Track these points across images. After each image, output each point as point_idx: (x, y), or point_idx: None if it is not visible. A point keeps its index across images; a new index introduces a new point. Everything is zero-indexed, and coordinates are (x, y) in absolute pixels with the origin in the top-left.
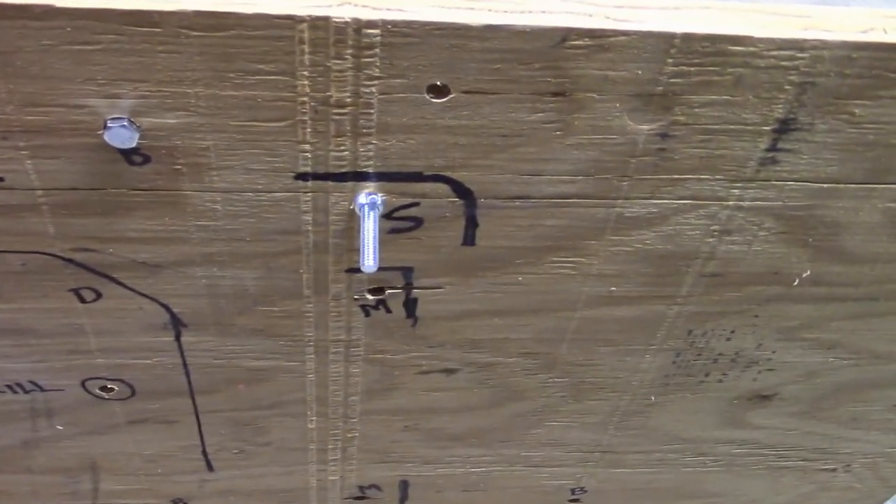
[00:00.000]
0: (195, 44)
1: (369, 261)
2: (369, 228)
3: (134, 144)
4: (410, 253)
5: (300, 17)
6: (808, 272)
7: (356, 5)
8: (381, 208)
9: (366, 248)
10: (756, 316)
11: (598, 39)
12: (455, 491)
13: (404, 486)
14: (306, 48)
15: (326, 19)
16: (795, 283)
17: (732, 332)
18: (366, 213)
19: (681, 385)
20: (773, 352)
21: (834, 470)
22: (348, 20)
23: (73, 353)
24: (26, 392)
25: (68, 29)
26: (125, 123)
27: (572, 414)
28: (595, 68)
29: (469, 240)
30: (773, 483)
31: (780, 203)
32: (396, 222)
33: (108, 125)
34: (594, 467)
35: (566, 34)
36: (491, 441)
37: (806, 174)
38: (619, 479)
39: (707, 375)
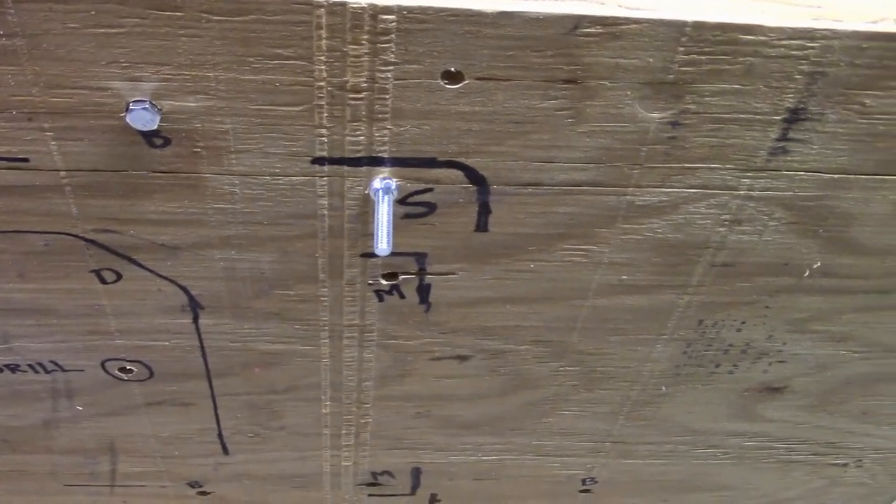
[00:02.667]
0: (216, 28)
1: (383, 244)
2: (383, 212)
3: (155, 127)
4: (424, 238)
5: (318, 2)
6: (819, 263)
7: None
8: (395, 193)
9: (380, 231)
10: (766, 307)
11: (610, 27)
12: (467, 479)
13: (416, 473)
14: (323, 33)
15: (343, 5)
16: (806, 275)
17: (743, 322)
18: (380, 198)
19: (691, 376)
20: (784, 343)
21: (845, 465)
22: (365, 6)
23: (93, 333)
24: (47, 372)
25: (93, 12)
26: (147, 106)
27: (583, 403)
28: (607, 56)
29: (482, 226)
30: (784, 477)
31: (790, 193)
32: (410, 207)
33: (131, 107)
34: (605, 458)
35: (578, 21)
36: (503, 429)
37: (816, 164)
38: (630, 470)
39: (718, 366)
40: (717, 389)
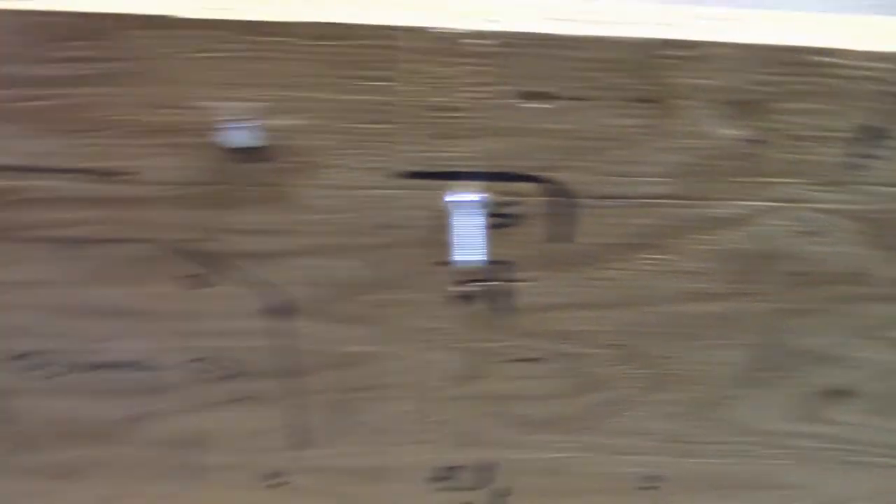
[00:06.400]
0: (314, 52)
1: (470, 254)
2: (469, 224)
3: (253, 144)
4: (508, 248)
5: (402, 27)
6: (892, 273)
7: (461, 16)
8: (481, 206)
9: (466, 242)
10: (838, 315)
11: (693, 50)
12: (535, 475)
13: (487, 468)
14: (412, 56)
15: (431, 30)
16: (877, 285)
17: (813, 329)
18: (465, 210)
19: (759, 379)
20: (853, 350)
21: None
22: (453, 30)
23: (182, 335)
24: (137, 370)
25: (203, 39)
26: (245, 125)
27: (652, 404)
28: (689, 77)
29: (563, 237)
30: (848, 479)
31: (864, 207)
32: (496, 219)
33: (230, 126)
34: (670, 457)
35: (663, 45)
36: (572, 428)
37: (892, 179)
38: (695, 469)
39: (786, 370)
40: (784, 393)
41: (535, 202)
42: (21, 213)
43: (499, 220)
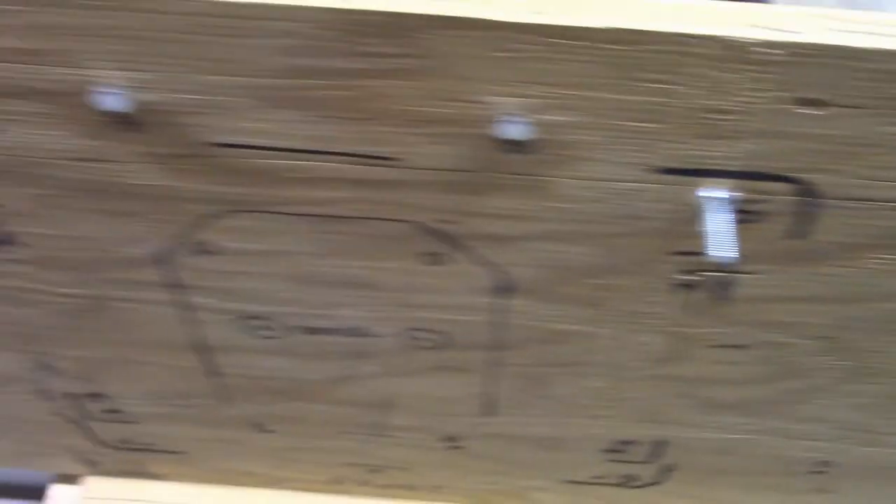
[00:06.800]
0: (603, 55)
1: (723, 251)
2: (721, 221)
3: (524, 137)
4: (745, 243)
5: (696, 34)
6: None
7: (751, 25)
8: (728, 203)
9: (718, 239)
10: None
11: None
12: (708, 453)
13: (662, 445)
14: (698, 61)
15: (721, 38)
16: None
17: None
18: (714, 207)
19: None
20: None
21: None
22: (745, 39)
23: (404, 306)
24: (353, 336)
25: (500, 39)
26: (521, 119)
27: (843, 394)
28: None
29: (800, 234)
30: None
31: None
32: (739, 215)
33: (506, 119)
34: (849, 444)
35: None
36: (756, 412)
37: None
38: (871, 458)
39: None
40: None
41: (779, 201)
42: (290, 191)
43: (741, 217)
